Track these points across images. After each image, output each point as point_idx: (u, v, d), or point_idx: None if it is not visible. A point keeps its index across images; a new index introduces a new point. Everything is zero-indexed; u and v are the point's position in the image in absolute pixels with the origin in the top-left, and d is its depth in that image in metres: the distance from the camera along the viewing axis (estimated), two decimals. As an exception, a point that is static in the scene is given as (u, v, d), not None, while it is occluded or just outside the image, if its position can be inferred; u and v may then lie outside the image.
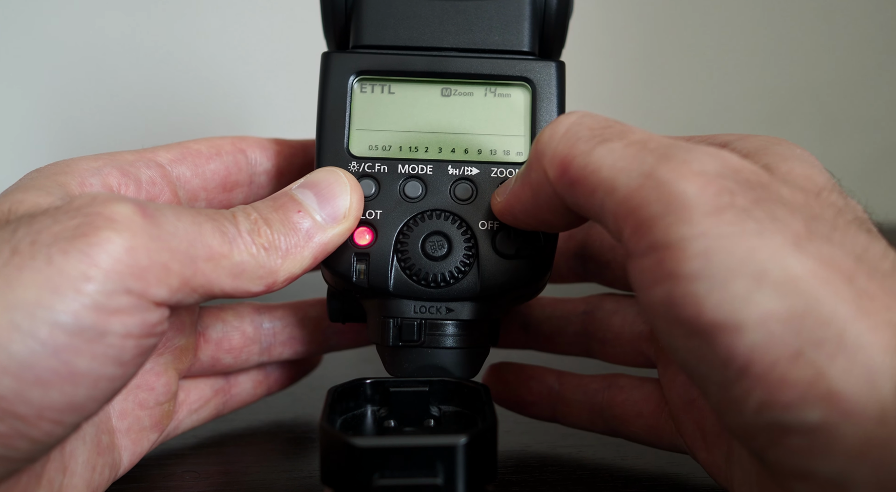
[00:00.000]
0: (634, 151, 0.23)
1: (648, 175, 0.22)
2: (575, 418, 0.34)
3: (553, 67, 0.32)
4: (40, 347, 0.21)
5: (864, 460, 0.19)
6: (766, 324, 0.20)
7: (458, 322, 0.30)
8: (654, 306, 0.22)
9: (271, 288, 0.26)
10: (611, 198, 0.23)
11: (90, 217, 0.23)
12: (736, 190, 0.21)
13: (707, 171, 0.22)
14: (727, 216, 0.21)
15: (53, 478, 0.26)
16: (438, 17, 0.32)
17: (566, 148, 0.24)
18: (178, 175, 0.31)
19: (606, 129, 0.24)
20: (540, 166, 0.25)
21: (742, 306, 0.20)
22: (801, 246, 0.21)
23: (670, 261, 0.21)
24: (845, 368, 0.19)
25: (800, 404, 0.19)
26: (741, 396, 0.20)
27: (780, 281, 0.20)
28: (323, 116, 0.31)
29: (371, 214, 0.30)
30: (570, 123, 0.25)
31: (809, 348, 0.19)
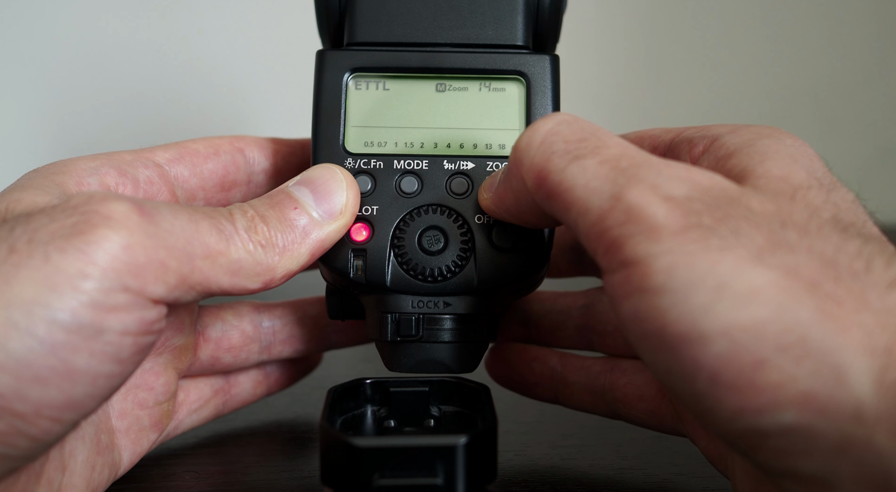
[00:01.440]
0: (606, 171, 0.23)
1: (618, 198, 0.22)
2: (577, 401, 0.34)
3: (547, 61, 0.32)
4: (38, 344, 0.21)
5: (844, 456, 0.19)
6: (729, 334, 0.20)
7: (456, 316, 0.30)
8: (625, 321, 0.22)
9: (269, 285, 0.27)
10: (584, 218, 0.23)
11: (87, 215, 0.23)
12: (702, 210, 0.22)
13: (675, 195, 0.22)
14: (692, 234, 0.21)
15: (53, 477, 0.26)
16: (432, 13, 0.32)
17: (542, 161, 0.25)
18: (175, 175, 0.31)
19: (582, 142, 0.24)
20: (518, 174, 0.25)
21: (703, 318, 0.20)
22: (763, 259, 0.21)
23: (637, 276, 0.21)
24: (813, 369, 0.20)
25: (772, 407, 0.20)
26: (714, 405, 0.21)
27: (741, 292, 0.20)
28: (318, 114, 0.31)
29: (367, 210, 0.30)
30: (546, 133, 0.25)
31: (774, 355, 0.20)
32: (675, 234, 0.21)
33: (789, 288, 0.20)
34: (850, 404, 0.19)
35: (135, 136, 0.73)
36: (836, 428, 0.19)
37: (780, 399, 0.20)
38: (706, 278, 0.20)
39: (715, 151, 0.28)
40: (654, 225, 0.22)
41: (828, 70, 0.82)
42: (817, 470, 0.20)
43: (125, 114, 0.75)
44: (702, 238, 0.21)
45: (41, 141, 0.74)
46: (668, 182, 0.23)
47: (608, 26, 0.80)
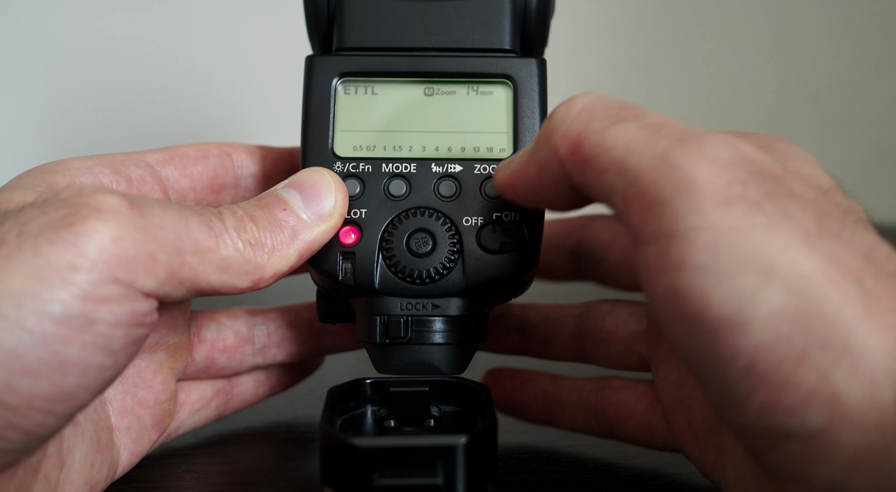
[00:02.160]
0: (649, 133, 0.23)
1: (661, 158, 0.22)
2: (570, 421, 0.34)
3: (534, 64, 0.32)
4: (28, 336, 0.21)
5: (861, 467, 0.19)
6: (773, 322, 0.19)
7: (445, 318, 0.30)
8: (659, 298, 0.21)
9: (258, 285, 0.27)
10: (621, 178, 0.22)
11: (76, 207, 0.23)
12: (748, 181, 0.21)
13: (720, 158, 0.21)
14: (738, 209, 0.20)
15: (50, 473, 0.26)
16: (419, 18, 0.32)
17: (580, 125, 0.24)
18: (166, 175, 0.32)
19: (622, 109, 0.24)
20: (551, 143, 0.25)
21: (749, 303, 0.20)
22: (811, 243, 0.20)
23: (677, 250, 0.21)
24: (849, 372, 0.19)
25: (803, 407, 0.19)
26: (744, 395, 0.20)
27: (789, 278, 0.20)
28: (307, 118, 0.31)
29: (356, 213, 0.30)
30: (586, 102, 0.25)
31: (815, 351, 0.19)
32: (719, 205, 0.20)
33: (836, 279, 0.20)
34: (875, 411, 0.19)
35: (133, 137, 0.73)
36: (858, 436, 0.19)
37: (813, 400, 0.19)
38: (754, 260, 0.20)
39: None
40: (696, 191, 0.21)
41: (828, 70, 0.82)
42: (832, 479, 0.20)
43: (124, 116, 0.75)
44: (748, 214, 0.20)
45: (39, 142, 0.74)
46: (714, 146, 0.22)
47: (608, 26, 0.80)
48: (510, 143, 0.31)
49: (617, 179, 0.22)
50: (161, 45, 0.75)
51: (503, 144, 0.31)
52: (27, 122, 0.74)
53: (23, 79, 0.73)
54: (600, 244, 0.35)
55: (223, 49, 0.76)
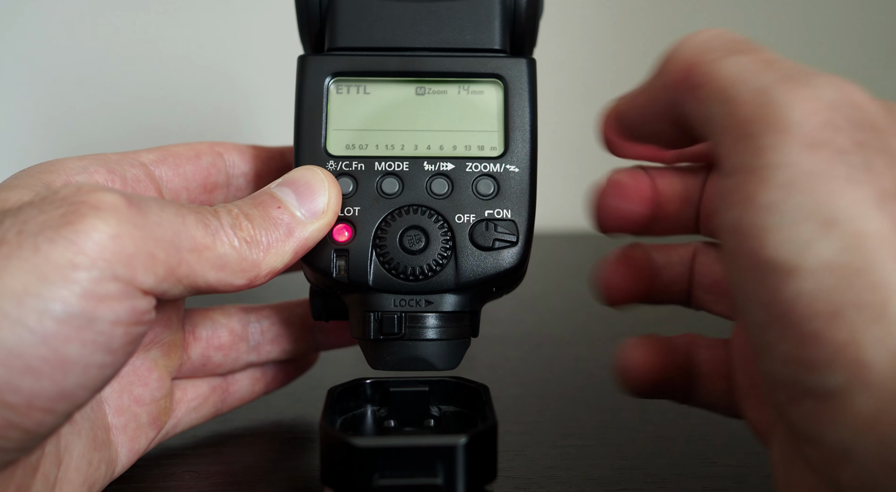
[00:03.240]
0: (760, 67, 0.23)
1: (763, 91, 0.22)
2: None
3: (524, 64, 0.32)
4: (29, 334, 0.21)
5: (870, 432, 0.19)
6: (818, 274, 0.20)
7: (438, 314, 0.30)
8: (723, 231, 0.22)
9: (254, 282, 0.27)
10: (721, 107, 0.22)
11: (75, 205, 0.23)
12: (842, 126, 0.21)
13: (822, 98, 0.21)
14: (822, 154, 0.20)
15: (49, 471, 0.26)
16: (411, 18, 0.32)
17: (697, 54, 0.24)
18: (160, 175, 0.32)
19: (742, 43, 0.24)
20: (667, 69, 0.25)
21: (802, 251, 0.20)
22: (883, 203, 0.20)
23: (751, 185, 0.21)
24: (879, 337, 0.19)
25: (826, 365, 0.19)
26: (772, 342, 0.20)
27: (848, 233, 0.20)
28: (300, 118, 0.32)
29: (349, 211, 0.30)
30: (709, 34, 0.25)
31: (850, 310, 0.19)
32: (805, 147, 0.20)
33: (894, 243, 0.20)
34: (893, 379, 0.19)
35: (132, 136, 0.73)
36: (873, 401, 0.19)
37: (838, 360, 0.19)
38: (820, 209, 0.20)
39: None
40: (786, 125, 0.21)
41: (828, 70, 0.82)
42: (842, 440, 0.20)
43: (122, 115, 0.75)
44: (831, 161, 0.20)
45: (38, 141, 0.74)
46: (821, 86, 0.22)
47: (608, 26, 0.81)
48: (501, 141, 0.31)
49: (717, 108, 0.23)
50: (158, 45, 0.75)
51: (494, 143, 0.31)
52: (25, 121, 0.74)
53: (21, 78, 0.73)
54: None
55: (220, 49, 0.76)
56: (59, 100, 0.74)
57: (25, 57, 0.73)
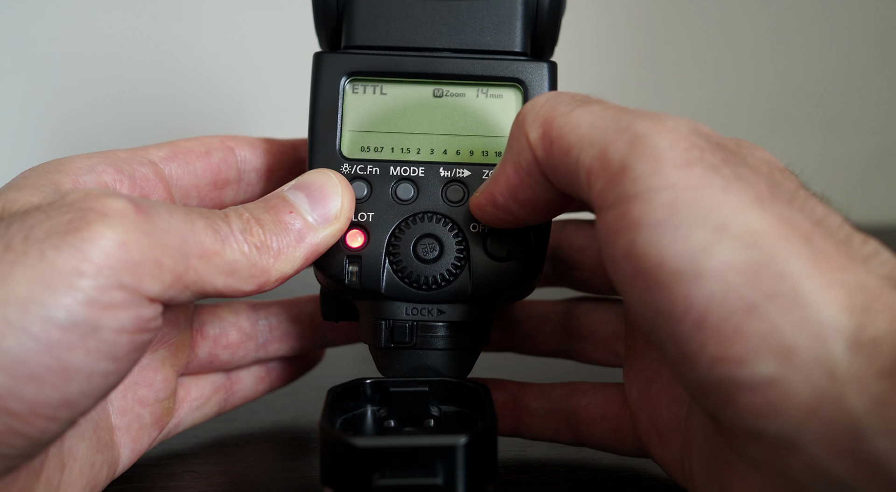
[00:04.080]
0: (613, 112, 0.24)
1: (625, 129, 0.23)
2: (538, 429, 0.34)
3: (545, 68, 0.32)
4: (33, 342, 0.21)
5: (813, 416, 0.20)
6: (724, 274, 0.20)
7: (450, 324, 0.30)
8: (617, 258, 0.22)
9: (263, 288, 0.27)
10: (587, 152, 0.23)
11: (82, 212, 0.23)
12: (706, 148, 0.22)
13: (680, 129, 0.23)
14: (695, 170, 0.22)
15: (52, 475, 0.26)
16: (430, 17, 0.32)
17: (548, 111, 0.25)
18: (169, 173, 0.31)
19: (585, 97, 0.26)
20: (521, 132, 0.26)
21: (702, 256, 0.20)
22: (763, 204, 0.21)
23: (636, 210, 0.22)
24: (798, 322, 0.20)
25: (752, 357, 0.20)
26: (696, 349, 0.21)
27: (741, 234, 0.21)
28: (315, 117, 0.31)
29: (363, 216, 0.30)
30: (551, 94, 0.26)
31: (764, 302, 0.20)
32: (678, 167, 0.22)
33: (786, 236, 0.21)
34: (826, 361, 0.19)
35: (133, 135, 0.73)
36: (810, 385, 0.20)
37: (763, 349, 0.20)
38: (708, 216, 0.21)
39: None
40: (656, 155, 0.22)
41: (828, 70, 0.82)
42: (786, 430, 0.20)
43: (123, 113, 0.75)
44: (704, 175, 0.21)
45: (38, 140, 0.74)
46: (673, 119, 0.23)
47: (608, 26, 0.80)
48: None
49: (582, 153, 0.24)
50: (160, 43, 0.75)
51: None
52: (27, 120, 0.74)
53: (22, 77, 0.73)
54: (574, 249, 0.35)
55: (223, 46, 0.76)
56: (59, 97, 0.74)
57: (26, 57, 0.73)
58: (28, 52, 0.73)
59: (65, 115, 0.74)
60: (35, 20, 0.72)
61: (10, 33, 0.72)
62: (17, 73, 0.73)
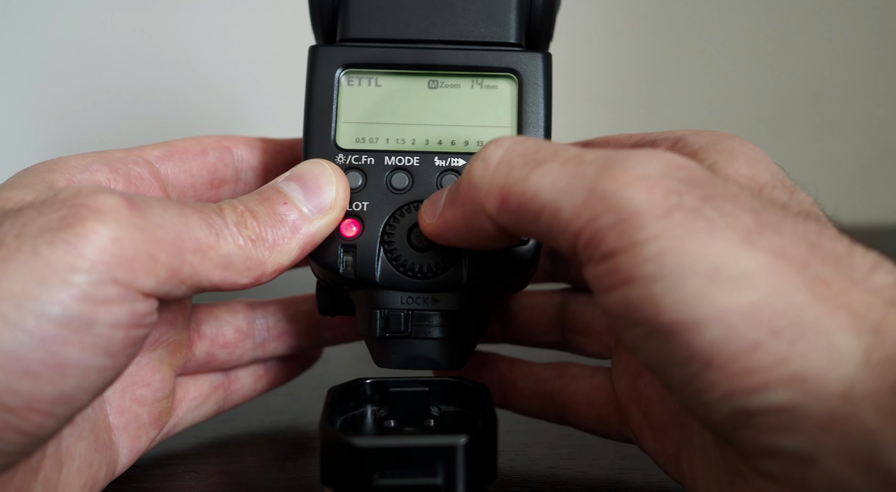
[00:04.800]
0: (572, 168, 0.23)
1: (592, 189, 0.22)
2: (524, 406, 0.34)
3: (540, 59, 0.32)
4: (28, 338, 0.21)
5: (829, 433, 0.20)
6: (724, 319, 0.20)
7: (445, 313, 0.30)
8: (612, 310, 0.22)
9: (259, 280, 0.27)
10: (557, 219, 0.23)
11: (75, 208, 0.23)
12: (682, 189, 0.22)
13: (650, 174, 0.22)
14: (677, 217, 0.21)
15: (50, 474, 0.26)
16: (425, 9, 0.32)
17: (501, 178, 0.24)
18: (165, 172, 0.31)
19: (538, 152, 0.24)
20: (475, 201, 0.25)
21: (698, 304, 0.20)
22: (752, 240, 0.21)
23: (625, 266, 0.21)
24: (806, 351, 0.20)
25: (763, 388, 0.20)
26: (705, 388, 0.21)
27: (734, 276, 0.20)
28: (310, 109, 0.31)
29: (358, 205, 0.30)
30: (502, 155, 0.25)
31: (769, 338, 0.20)
32: (659, 217, 0.21)
33: (780, 270, 0.20)
34: (839, 383, 0.19)
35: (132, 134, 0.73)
36: (824, 406, 0.20)
37: (772, 380, 0.20)
38: (698, 263, 0.20)
39: (680, 150, 0.28)
40: (634, 210, 0.21)
41: (828, 70, 0.82)
42: (802, 446, 0.20)
43: (122, 113, 0.75)
44: (687, 220, 0.21)
45: (37, 140, 0.74)
46: (640, 163, 0.22)
47: (608, 26, 0.80)
48: None
49: (553, 220, 0.23)
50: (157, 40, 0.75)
51: None
52: (25, 119, 0.74)
53: (19, 77, 0.73)
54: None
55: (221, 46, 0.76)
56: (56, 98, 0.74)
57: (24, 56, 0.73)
58: (26, 51, 0.73)
59: (65, 114, 0.74)
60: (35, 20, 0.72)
61: (10, 33, 0.72)
62: (16, 73, 0.73)
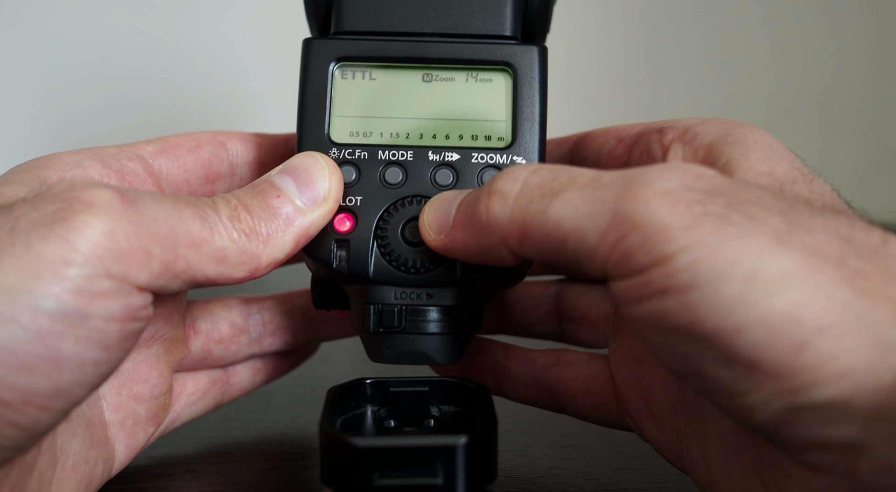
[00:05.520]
0: (591, 193, 0.23)
1: (615, 212, 0.22)
2: (519, 393, 0.34)
3: (535, 52, 0.31)
4: (23, 332, 0.21)
5: (879, 421, 0.20)
6: (766, 321, 0.20)
7: (439, 308, 0.30)
8: (646, 320, 0.22)
9: (254, 274, 0.27)
10: (584, 245, 0.22)
11: (68, 202, 0.23)
12: (706, 199, 0.21)
13: (671, 188, 0.22)
14: (706, 225, 0.21)
15: (45, 471, 0.26)
16: (420, 2, 0.32)
17: (521, 213, 0.24)
18: (159, 168, 0.31)
19: (554, 181, 0.24)
20: (494, 234, 0.25)
21: (738, 308, 0.20)
22: (784, 241, 0.21)
23: (658, 278, 0.21)
24: (853, 346, 0.20)
25: (811, 386, 0.20)
26: (749, 390, 0.20)
27: (772, 278, 0.20)
28: (304, 103, 0.31)
29: (351, 200, 0.30)
30: (519, 189, 0.25)
31: (814, 337, 0.20)
32: (688, 228, 0.21)
33: (818, 268, 0.20)
34: (889, 373, 0.19)
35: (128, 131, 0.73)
36: (874, 397, 0.19)
37: (820, 378, 0.20)
38: (734, 268, 0.20)
39: (690, 142, 0.28)
40: (661, 226, 0.21)
41: (828, 70, 0.82)
42: (852, 436, 0.20)
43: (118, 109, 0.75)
44: (717, 228, 0.21)
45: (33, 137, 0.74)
46: (658, 179, 0.22)
47: (608, 24, 0.80)
48: (509, 132, 0.31)
49: (580, 247, 0.23)
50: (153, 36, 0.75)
51: (502, 133, 0.31)
52: (24, 116, 0.74)
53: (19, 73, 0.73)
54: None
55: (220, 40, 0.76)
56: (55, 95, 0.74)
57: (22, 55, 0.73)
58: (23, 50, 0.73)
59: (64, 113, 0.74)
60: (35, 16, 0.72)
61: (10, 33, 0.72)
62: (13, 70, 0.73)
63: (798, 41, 0.82)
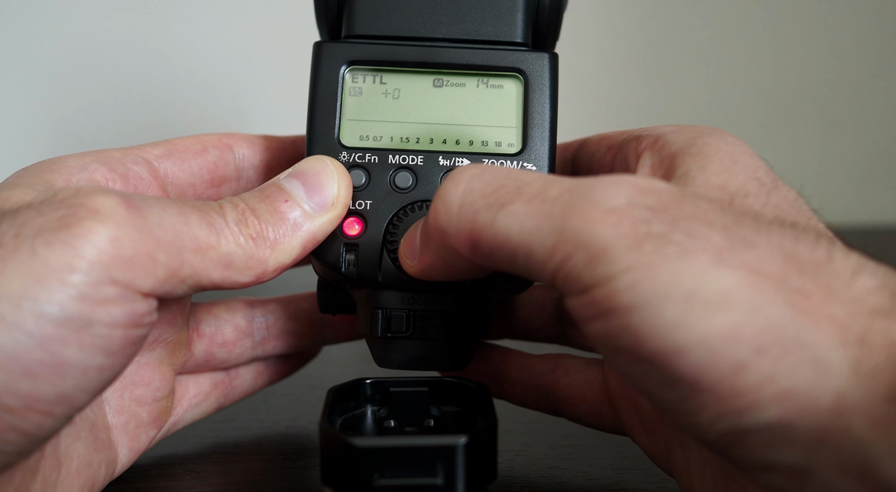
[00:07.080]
0: (537, 207, 0.22)
1: (561, 230, 0.22)
2: (519, 398, 0.34)
3: (546, 59, 0.31)
4: (27, 338, 0.21)
5: (823, 446, 0.19)
6: (706, 342, 0.20)
7: (447, 314, 0.30)
8: (595, 339, 0.22)
9: (261, 279, 0.26)
10: (532, 260, 0.22)
11: (73, 208, 0.23)
12: (650, 217, 0.21)
13: (616, 206, 0.21)
14: (647, 246, 0.21)
15: (48, 474, 0.26)
16: (431, 7, 0.32)
17: (468, 223, 0.24)
18: (165, 171, 0.31)
19: (500, 189, 0.24)
20: (447, 243, 0.25)
21: (678, 330, 0.20)
22: (724, 259, 0.21)
23: (601, 298, 0.21)
24: (792, 367, 0.20)
25: (753, 407, 0.20)
26: (694, 409, 0.21)
27: (710, 299, 0.20)
28: (314, 106, 0.31)
29: (361, 204, 0.30)
30: (462, 195, 0.24)
31: (753, 357, 0.20)
32: (630, 248, 0.21)
33: (757, 287, 0.20)
34: (829, 396, 0.19)
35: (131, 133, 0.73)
36: (815, 420, 0.19)
37: (761, 399, 0.20)
38: (672, 290, 0.20)
39: (659, 150, 0.28)
40: (604, 245, 0.21)
41: (828, 70, 0.82)
42: (797, 460, 0.20)
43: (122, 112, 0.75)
44: (657, 248, 0.21)
45: (37, 139, 0.74)
46: (605, 195, 0.22)
47: (608, 26, 0.80)
48: (519, 138, 0.31)
49: (528, 261, 0.23)
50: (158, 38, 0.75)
51: (512, 139, 0.31)
52: (25, 118, 0.74)
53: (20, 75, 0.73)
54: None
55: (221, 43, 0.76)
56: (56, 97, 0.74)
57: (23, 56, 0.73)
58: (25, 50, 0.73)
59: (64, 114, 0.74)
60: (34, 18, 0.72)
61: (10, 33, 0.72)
62: (15, 72, 0.73)
63: (798, 41, 0.82)
